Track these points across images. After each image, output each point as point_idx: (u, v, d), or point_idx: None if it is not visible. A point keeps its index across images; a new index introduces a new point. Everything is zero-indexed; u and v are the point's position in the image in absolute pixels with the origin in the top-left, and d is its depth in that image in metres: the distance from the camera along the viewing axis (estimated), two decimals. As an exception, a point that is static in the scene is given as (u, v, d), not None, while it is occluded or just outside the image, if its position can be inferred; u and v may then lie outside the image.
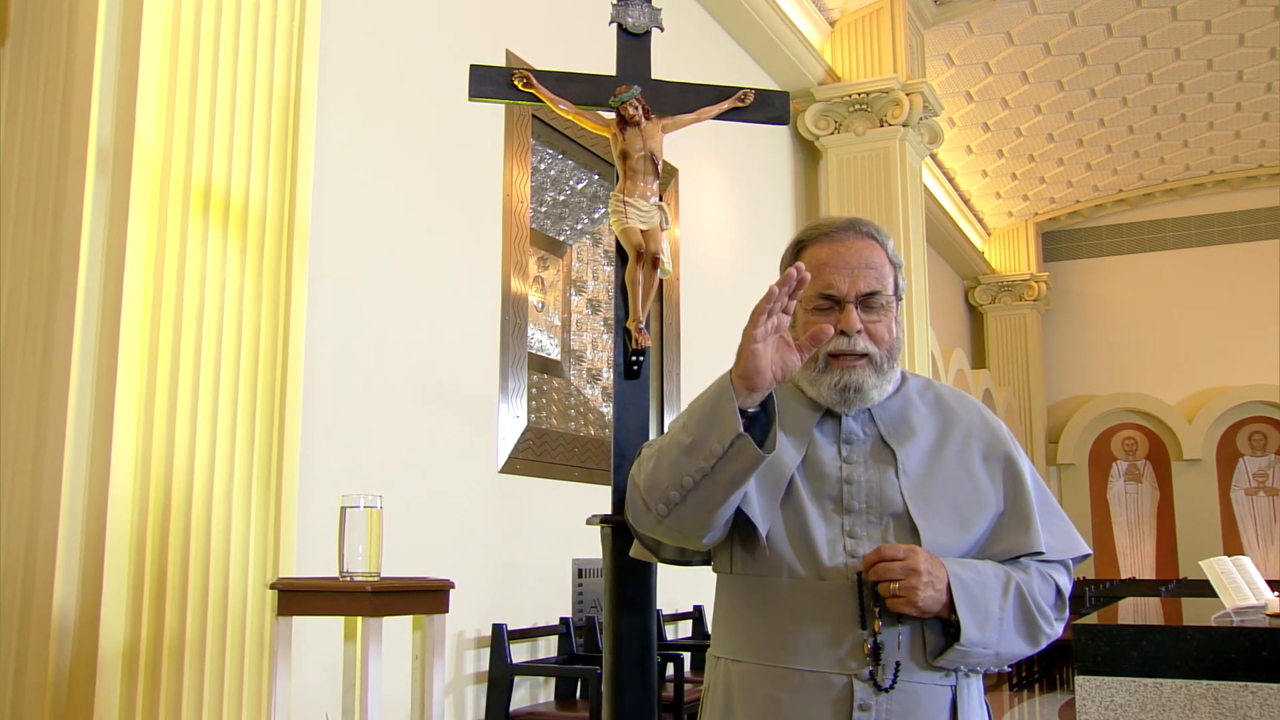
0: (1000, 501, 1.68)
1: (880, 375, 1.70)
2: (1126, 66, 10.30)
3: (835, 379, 1.68)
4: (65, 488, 2.71)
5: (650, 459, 1.65)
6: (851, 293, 1.69)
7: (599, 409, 5.71)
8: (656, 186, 3.07)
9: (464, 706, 4.42)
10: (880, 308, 1.71)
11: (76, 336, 2.77)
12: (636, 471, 1.69)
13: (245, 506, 3.01)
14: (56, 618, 2.66)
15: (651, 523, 1.64)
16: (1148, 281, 14.04)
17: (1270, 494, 13.36)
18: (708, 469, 1.54)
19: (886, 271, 1.73)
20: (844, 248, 1.72)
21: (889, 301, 1.72)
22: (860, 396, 1.69)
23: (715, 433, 1.52)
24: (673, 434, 1.61)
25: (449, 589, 2.76)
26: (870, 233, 1.75)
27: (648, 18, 3.13)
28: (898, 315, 1.75)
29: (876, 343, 1.69)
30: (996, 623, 1.59)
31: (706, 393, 1.58)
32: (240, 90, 3.13)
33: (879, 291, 1.70)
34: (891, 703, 1.56)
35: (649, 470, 1.63)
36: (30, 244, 2.93)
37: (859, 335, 1.68)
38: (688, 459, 1.55)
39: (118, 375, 2.76)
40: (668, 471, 1.59)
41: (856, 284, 1.69)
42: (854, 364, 1.67)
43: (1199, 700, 2.84)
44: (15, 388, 2.87)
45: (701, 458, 1.54)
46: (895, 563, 1.54)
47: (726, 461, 1.53)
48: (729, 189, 7.33)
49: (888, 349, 1.71)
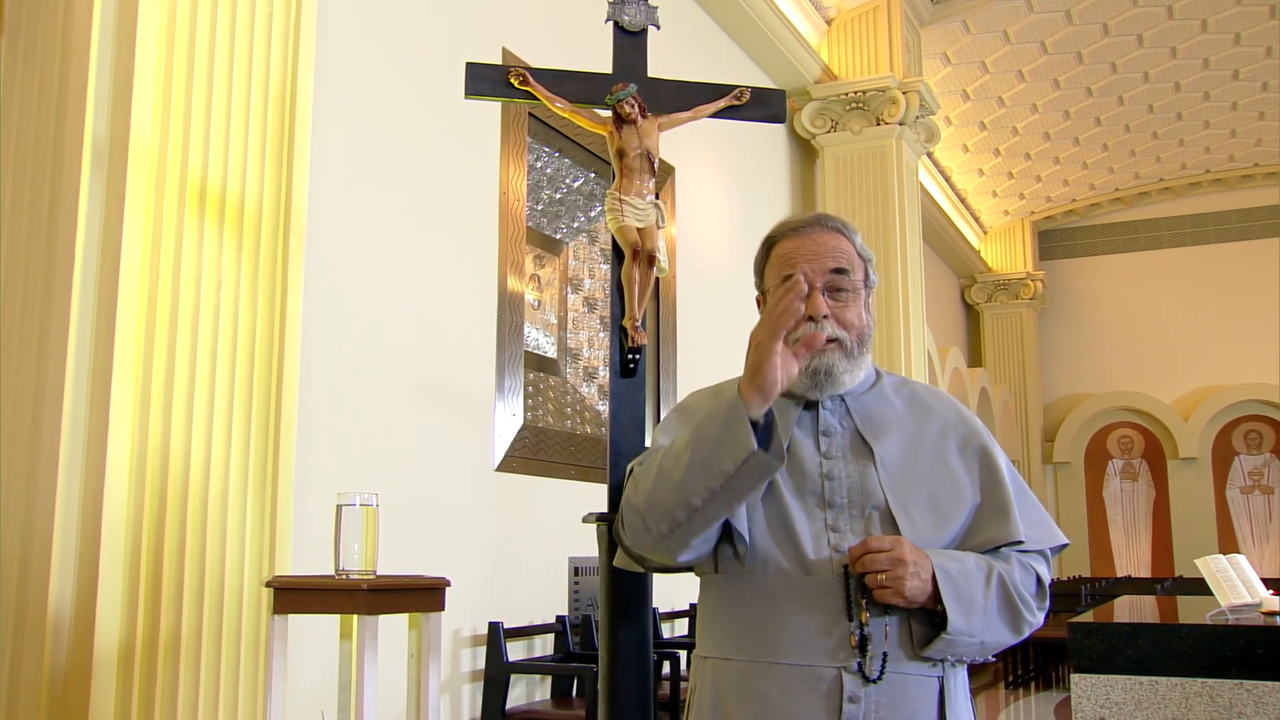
0: (976, 493, 1.70)
1: (850, 360, 1.71)
2: (1123, 65, 10.30)
3: (805, 363, 1.68)
4: (61, 485, 2.70)
5: (648, 478, 1.65)
6: (816, 277, 1.70)
7: (595, 407, 5.71)
8: (653, 184, 3.07)
9: (460, 705, 4.42)
10: (848, 292, 1.72)
11: (72, 333, 2.76)
12: (633, 493, 1.69)
13: (241, 504, 3.00)
14: (52, 616, 2.66)
15: (650, 542, 1.65)
16: (1144, 280, 14.06)
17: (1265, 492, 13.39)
18: (717, 487, 1.55)
19: (855, 260, 1.75)
20: (810, 240, 1.75)
21: (857, 286, 1.74)
22: (831, 380, 1.70)
23: (728, 451, 1.53)
24: (674, 453, 1.61)
25: (445, 587, 2.76)
26: (837, 227, 1.78)
27: (644, 16, 3.12)
28: (869, 304, 1.77)
29: (845, 327, 1.71)
30: (981, 612, 1.60)
31: (714, 410, 1.57)
32: (236, 87, 3.12)
33: (846, 271, 1.72)
34: (880, 694, 1.58)
35: (649, 490, 1.63)
36: (25, 240, 2.93)
37: (826, 320, 1.69)
38: (696, 479, 1.56)
39: (113, 372, 2.75)
40: (672, 492, 1.59)
41: (822, 267, 1.71)
42: (823, 348, 1.69)
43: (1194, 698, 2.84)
44: (10, 385, 2.86)
45: (711, 476, 1.54)
46: (881, 553, 1.56)
47: (738, 478, 1.54)
48: (725, 187, 7.33)
49: (857, 334, 1.72)
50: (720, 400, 1.57)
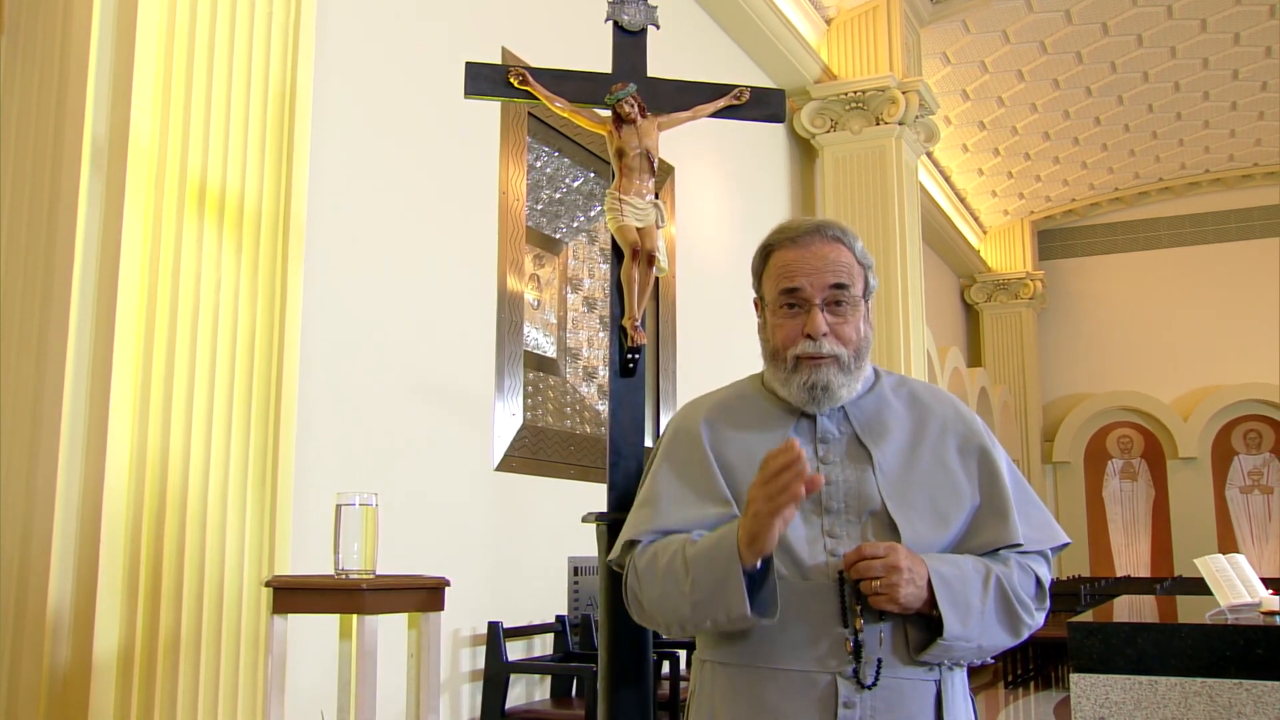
0: (975, 494, 1.70)
1: (848, 375, 1.72)
2: (1122, 65, 10.30)
3: (803, 379, 1.70)
4: (60, 485, 2.70)
5: (655, 585, 1.67)
6: (816, 295, 1.71)
7: (595, 407, 5.71)
8: (652, 184, 3.06)
9: (460, 704, 4.42)
10: (847, 306, 1.72)
11: (71, 333, 2.76)
12: (639, 589, 1.71)
13: (240, 504, 3.00)
14: (51, 616, 2.65)
15: (663, 634, 1.75)
16: (1143, 280, 14.06)
17: (1265, 492, 13.39)
18: (708, 625, 1.62)
19: (855, 271, 1.74)
20: (809, 252, 1.74)
21: (856, 300, 1.73)
22: (829, 395, 1.71)
23: (721, 605, 1.57)
24: (675, 575, 1.63)
25: (444, 587, 2.75)
26: (836, 235, 1.76)
27: (644, 15, 3.12)
28: (868, 314, 1.77)
29: (844, 343, 1.71)
30: (978, 616, 1.60)
31: (713, 555, 1.59)
32: (235, 86, 3.12)
33: (846, 286, 1.72)
34: (876, 698, 1.58)
35: (655, 600, 1.68)
36: (25, 240, 2.92)
37: (825, 338, 1.70)
38: (693, 613, 1.61)
39: (113, 372, 2.75)
40: (672, 614, 1.66)
41: (822, 284, 1.71)
42: (821, 363, 1.70)
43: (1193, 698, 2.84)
44: (10, 385, 2.86)
45: (706, 616, 1.60)
46: (876, 561, 1.56)
47: (731, 625, 1.59)
48: (725, 187, 7.33)
49: (855, 349, 1.72)
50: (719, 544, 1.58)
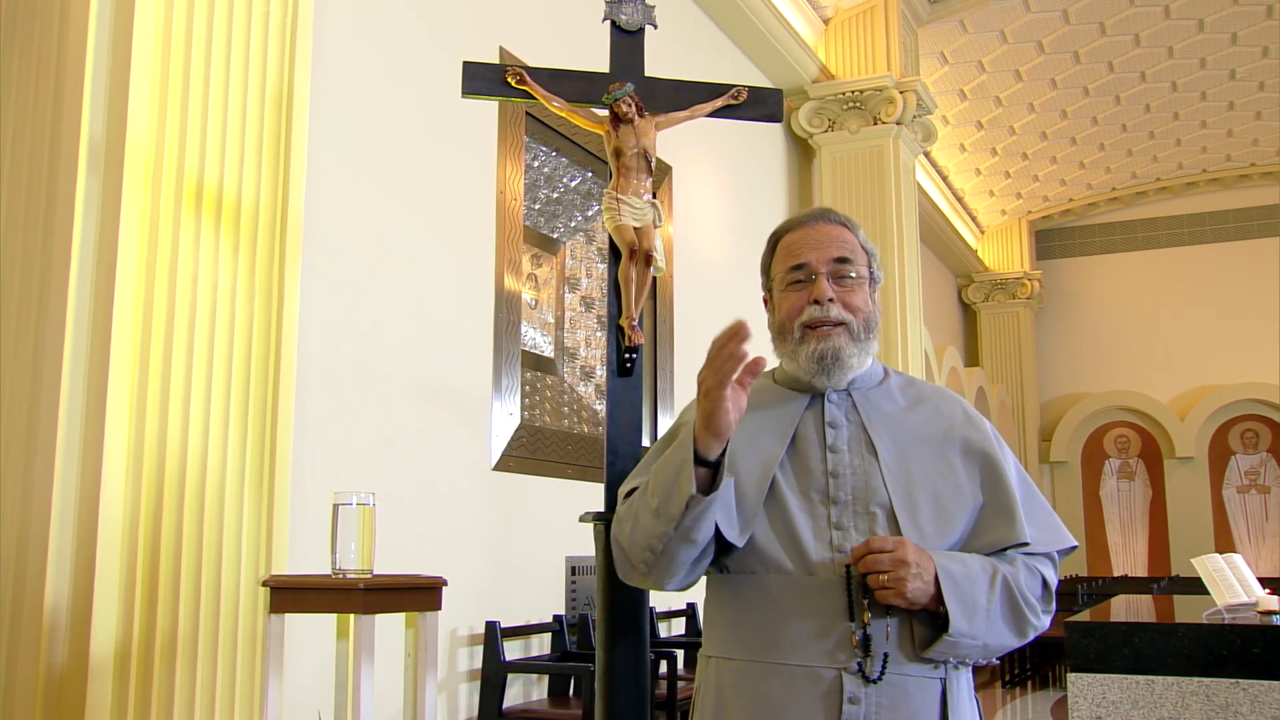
0: (978, 494, 1.69)
1: (858, 344, 1.73)
2: (1119, 65, 10.31)
3: (812, 348, 1.71)
4: (57, 485, 2.70)
5: (628, 519, 1.70)
6: (821, 264, 1.73)
7: (592, 406, 5.71)
8: (650, 184, 3.06)
9: (457, 704, 4.42)
10: (853, 279, 1.75)
11: (68, 333, 2.76)
12: (618, 529, 1.73)
13: (237, 503, 3.00)
14: (48, 616, 2.65)
15: (637, 578, 1.71)
16: (1141, 280, 14.07)
17: (1262, 492, 13.40)
18: (672, 532, 1.59)
19: (859, 252, 1.78)
20: (814, 230, 1.78)
21: (861, 274, 1.76)
22: (839, 365, 1.71)
23: (675, 495, 1.57)
24: (646, 494, 1.66)
25: (442, 586, 2.75)
26: (840, 220, 1.81)
27: (641, 15, 3.12)
28: (874, 295, 1.79)
29: (852, 312, 1.73)
30: (984, 614, 1.60)
31: (671, 455, 1.62)
32: (232, 86, 3.12)
33: (849, 259, 1.75)
34: (881, 695, 1.57)
35: (628, 532, 1.69)
36: (22, 240, 2.92)
37: (832, 304, 1.71)
38: (655, 523, 1.61)
39: (109, 371, 2.75)
40: (642, 535, 1.65)
41: (826, 255, 1.74)
42: (830, 332, 1.70)
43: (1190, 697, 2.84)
44: (7, 384, 2.85)
45: (664, 521, 1.59)
46: (884, 554, 1.55)
47: (686, 521, 1.57)
48: (722, 186, 7.33)
49: (864, 319, 1.74)
50: (678, 444, 1.61)
